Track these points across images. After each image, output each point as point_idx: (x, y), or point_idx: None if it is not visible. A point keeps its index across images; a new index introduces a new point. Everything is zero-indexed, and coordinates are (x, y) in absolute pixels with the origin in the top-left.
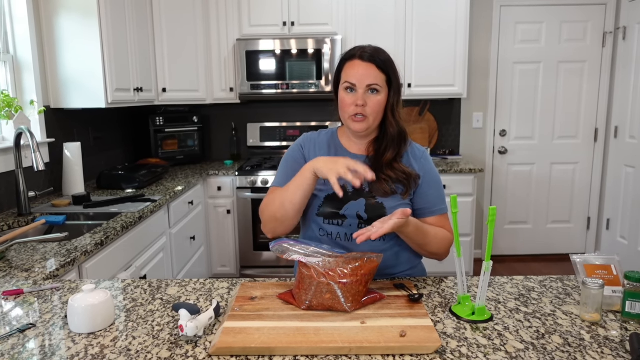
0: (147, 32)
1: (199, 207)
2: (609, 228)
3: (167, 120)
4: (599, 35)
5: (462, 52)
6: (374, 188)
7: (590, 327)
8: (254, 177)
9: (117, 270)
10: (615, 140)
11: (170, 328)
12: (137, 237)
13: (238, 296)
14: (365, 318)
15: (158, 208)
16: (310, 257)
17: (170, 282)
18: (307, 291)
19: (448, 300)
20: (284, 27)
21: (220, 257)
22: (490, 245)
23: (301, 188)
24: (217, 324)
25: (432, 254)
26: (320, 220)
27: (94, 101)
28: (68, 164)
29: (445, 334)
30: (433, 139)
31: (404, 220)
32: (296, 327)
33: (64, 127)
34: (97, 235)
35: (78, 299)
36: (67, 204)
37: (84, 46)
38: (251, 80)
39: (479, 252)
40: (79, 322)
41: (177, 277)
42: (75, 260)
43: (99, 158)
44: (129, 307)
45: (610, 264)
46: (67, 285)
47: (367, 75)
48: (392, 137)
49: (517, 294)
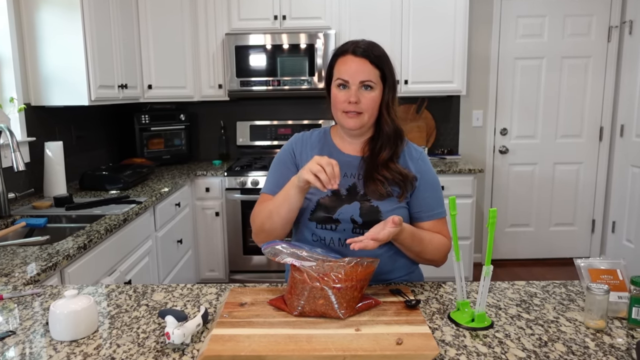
0: (132, 26)
1: (186, 209)
2: (614, 231)
3: (152, 118)
4: (604, 29)
5: (461, 47)
6: (369, 190)
7: (595, 334)
8: (243, 178)
9: (100, 275)
10: (621, 139)
11: (156, 335)
12: (122, 241)
13: (227, 302)
14: (359, 325)
15: (143, 210)
16: (303, 260)
17: (156, 288)
18: (299, 296)
19: (446, 306)
20: (275, 21)
21: (209, 262)
22: (490, 249)
23: (287, 201)
24: (205, 331)
25: (428, 261)
26: (312, 225)
27: (77, 98)
28: (49, 164)
29: (443, 341)
30: (431, 138)
31: (397, 228)
32: (288, 335)
33: (45, 126)
34: (79, 239)
35: (60, 305)
36: (48, 205)
37: (66, 41)
38: (241, 77)
39: (478, 256)
40: (60, 330)
41: (164, 282)
42: (57, 265)
43: (81, 158)
44: (113, 313)
45: (615, 268)
46: (49, 290)
47: (361, 71)
48: (388, 135)
49: (519, 300)
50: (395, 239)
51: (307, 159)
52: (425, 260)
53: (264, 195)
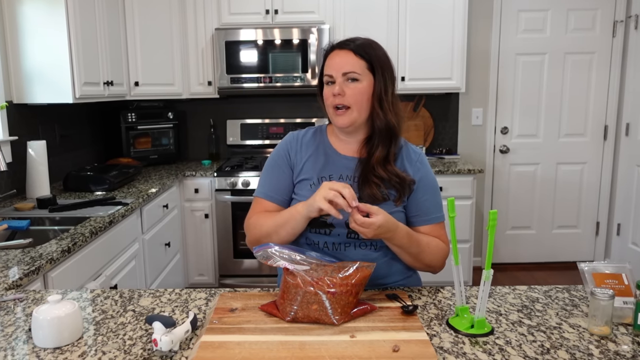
0: (118, 21)
1: (174, 211)
2: (619, 234)
3: (139, 116)
4: (609, 24)
5: (460, 42)
6: (364, 194)
7: (599, 341)
8: (234, 179)
9: (85, 280)
10: (626, 138)
11: (143, 342)
12: (107, 244)
13: (217, 307)
14: (354, 331)
15: (130, 212)
16: (297, 264)
17: (143, 293)
18: (292, 301)
19: (445, 312)
20: (267, 15)
21: (198, 265)
22: (490, 253)
23: (290, 226)
24: (194, 337)
25: (425, 266)
26: (306, 230)
27: (61, 96)
28: (32, 164)
29: (441, 348)
30: (428, 137)
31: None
32: (280, 341)
33: (28, 124)
34: (63, 242)
35: (43, 310)
36: (31, 207)
37: (49, 36)
38: (231, 73)
39: (478, 259)
40: (44, 336)
41: (151, 287)
42: (40, 269)
43: (65, 158)
44: (99, 319)
45: (621, 272)
46: (31, 295)
47: (344, 63)
48: (380, 131)
49: (520, 305)
50: (391, 239)
51: (302, 160)
52: (423, 264)
53: (258, 200)
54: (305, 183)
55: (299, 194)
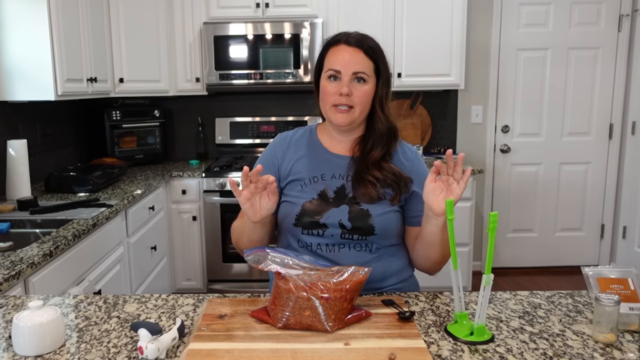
0: (102, 15)
1: (160, 213)
2: (625, 237)
3: (124, 114)
4: (614, 18)
5: (459, 37)
6: (358, 193)
7: (604, 348)
8: (223, 179)
9: (68, 285)
10: (632, 137)
11: (128, 350)
12: (91, 247)
13: (205, 314)
14: (349, 339)
15: (114, 214)
16: (289, 268)
17: (129, 298)
18: (284, 307)
19: (443, 318)
20: (257, 8)
21: (185, 270)
22: (490, 256)
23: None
24: (182, 345)
25: (437, 264)
26: (298, 231)
27: (42, 93)
28: (12, 164)
29: (439, 356)
30: (426, 136)
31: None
32: (271, 349)
33: (8, 123)
34: (45, 245)
35: (24, 317)
36: (11, 209)
37: (30, 32)
38: (220, 69)
39: (478, 264)
40: (24, 344)
41: (136, 293)
42: (21, 273)
43: (47, 157)
44: (82, 326)
45: (627, 277)
46: (12, 301)
47: (354, 62)
48: (381, 134)
49: (522, 312)
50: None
51: (291, 160)
52: (442, 257)
53: None
54: (296, 184)
55: (288, 195)
